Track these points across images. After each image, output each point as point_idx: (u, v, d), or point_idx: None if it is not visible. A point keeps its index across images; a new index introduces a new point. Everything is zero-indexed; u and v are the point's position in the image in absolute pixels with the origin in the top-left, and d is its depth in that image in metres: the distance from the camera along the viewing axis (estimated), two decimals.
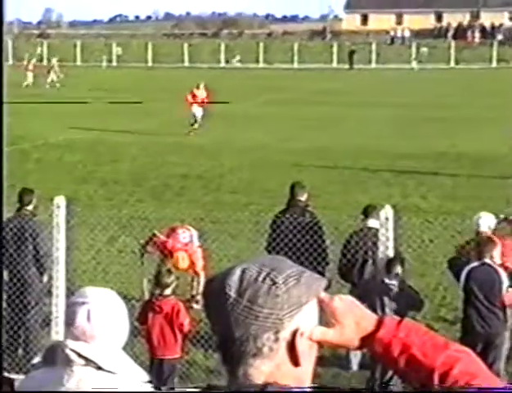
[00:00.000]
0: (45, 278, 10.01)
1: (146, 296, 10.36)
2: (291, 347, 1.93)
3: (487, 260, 8.80)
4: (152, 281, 9.78)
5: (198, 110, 28.96)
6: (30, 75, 50.84)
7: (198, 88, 29.63)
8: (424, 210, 16.93)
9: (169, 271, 9.38)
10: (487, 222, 9.92)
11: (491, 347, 8.78)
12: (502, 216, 10.13)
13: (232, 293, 1.92)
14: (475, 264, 8.87)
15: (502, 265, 8.99)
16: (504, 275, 8.81)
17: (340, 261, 10.38)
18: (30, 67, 51.52)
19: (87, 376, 3.25)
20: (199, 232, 12.33)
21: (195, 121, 28.74)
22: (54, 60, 53.86)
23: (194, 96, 29.25)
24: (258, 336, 1.92)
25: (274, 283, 1.91)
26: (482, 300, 8.77)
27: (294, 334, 1.93)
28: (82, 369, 3.26)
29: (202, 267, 11.70)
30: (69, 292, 8.72)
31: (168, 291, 8.91)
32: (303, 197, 11.02)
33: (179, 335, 8.87)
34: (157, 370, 8.89)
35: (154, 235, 11.69)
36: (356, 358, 9.60)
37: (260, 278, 1.92)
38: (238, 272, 1.94)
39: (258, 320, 1.91)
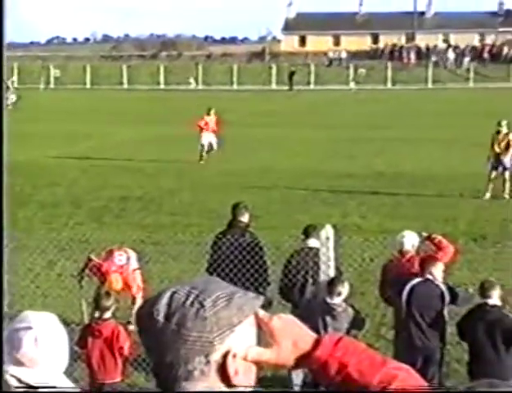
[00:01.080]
0: None
1: (86, 320, 10.24)
2: (223, 369, 1.92)
3: (429, 276, 8.91)
4: (91, 304, 9.66)
5: (210, 137, 27.51)
6: None
7: (209, 114, 28.36)
8: (364, 229, 17.06)
9: (108, 294, 9.27)
10: (410, 240, 10.01)
11: (430, 362, 8.87)
12: (425, 234, 10.23)
13: (160, 318, 1.90)
14: (417, 280, 8.97)
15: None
16: (446, 291, 8.92)
17: (281, 281, 10.38)
18: None
19: None
20: (139, 255, 12.23)
21: (209, 148, 27.37)
22: (9, 82, 53.35)
23: (206, 123, 27.85)
24: (188, 360, 1.90)
25: (202, 306, 1.89)
26: (424, 316, 8.86)
27: (225, 356, 1.91)
28: None
29: (137, 289, 11.60)
30: (8, 317, 8.57)
31: (107, 315, 8.80)
32: (245, 218, 11.02)
33: (119, 359, 8.77)
34: None
35: (89, 259, 11.56)
36: (298, 377, 9.59)
37: (188, 302, 1.90)
38: (167, 296, 1.93)
39: (187, 344, 1.89)
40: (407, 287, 8.92)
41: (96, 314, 8.87)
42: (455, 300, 9.03)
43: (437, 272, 9.02)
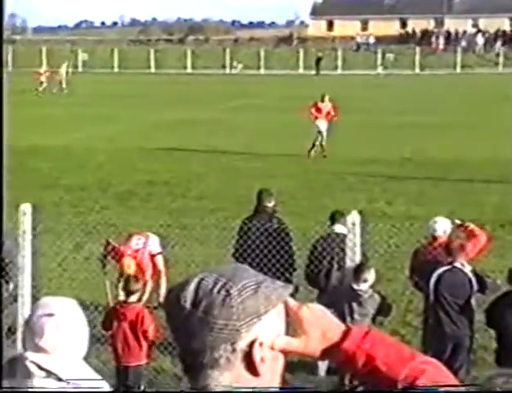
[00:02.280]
0: (11, 287, 9.91)
1: (111, 303, 10.31)
2: (249, 358, 1.92)
3: (457, 264, 8.88)
4: (118, 287, 9.71)
5: (322, 124, 25.81)
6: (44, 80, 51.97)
7: (323, 100, 26.59)
8: (390, 215, 17.00)
9: (136, 278, 9.34)
10: (442, 227, 9.97)
11: (459, 350, 8.85)
12: (458, 221, 10.18)
13: (187, 304, 1.91)
14: (445, 267, 8.93)
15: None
16: (473, 279, 8.88)
17: (307, 267, 10.39)
18: (42, 73, 52.89)
19: (48, 387, 3.21)
20: (165, 239, 12.27)
21: (320, 136, 25.60)
22: (63, 67, 54.46)
23: (318, 109, 26.25)
24: (214, 348, 1.90)
25: (229, 294, 1.89)
26: (452, 303, 8.83)
27: (251, 344, 1.91)
28: (42, 381, 3.22)
29: (159, 274, 11.67)
30: (35, 300, 8.64)
31: (133, 298, 8.87)
32: (271, 203, 11.02)
33: (144, 342, 8.83)
34: (123, 377, 8.84)
35: (107, 243, 11.63)
36: (323, 363, 9.61)
37: (215, 289, 1.91)
38: (194, 283, 1.93)
39: (213, 331, 1.89)
40: (435, 275, 8.89)
41: (122, 297, 8.93)
42: (483, 289, 8.99)
43: (465, 261, 9.00)
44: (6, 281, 9.94)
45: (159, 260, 11.79)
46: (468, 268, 8.97)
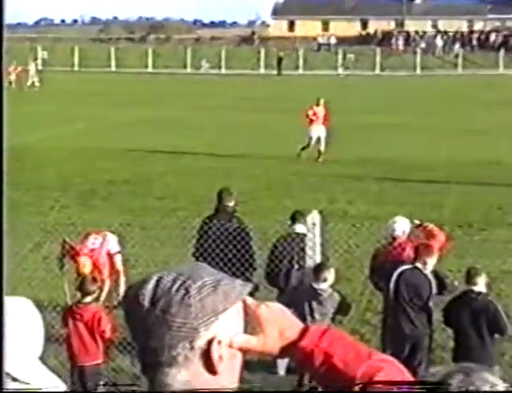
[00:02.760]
0: None
1: (69, 303, 10.27)
2: (207, 356, 1.92)
3: (419, 265, 8.94)
4: (74, 287, 9.68)
5: (320, 130, 24.89)
6: (13, 78, 51.36)
7: (318, 104, 26.01)
8: (350, 215, 17.10)
9: (93, 278, 9.31)
10: (401, 227, 10.05)
11: (417, 349, 8.93)
12: (416, 222, 10.26)
13: (146, 302, 1.91)
14: (406, 267, 9.00)
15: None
16: (433, 281, 8.95)
17: (267, 266, 10.41)
18: (10, 70, 52.14)
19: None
20: (125, 238, 12.22)
21: (310, 142, 24.77)
22: (33, 64, 54.29)
23: (314, 113, 25.35)
24: (172, 346, 1.90)
25: (187, 292, 1.89)
26: (411, 303, 8.91)
27: (209, 342, 1.92)
28: None
29: (117, 273, 11.62)
30: None
31: (89, 299, 8.86)
32: (231, 203, 11.04)
33: (100, 342, 8.81)
34: (79, 377, 8.81)
35: (64, 242, 11.55)
36: (283, 362, 9.63)
37: (174, 288, 1.90)
38: (153, 281, 1.93)
39: (171, 330, 1.89)
40: (395, 274, 8.96)
41: (78, 297, 8.91)
42: (441, 290, 9.07)
43: (431, 262, 9.06)
44: None
45: (118, 259, 11.72)
46: (429, 269, 9.03)
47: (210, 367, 1.93)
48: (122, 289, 11.51)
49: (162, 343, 1.91)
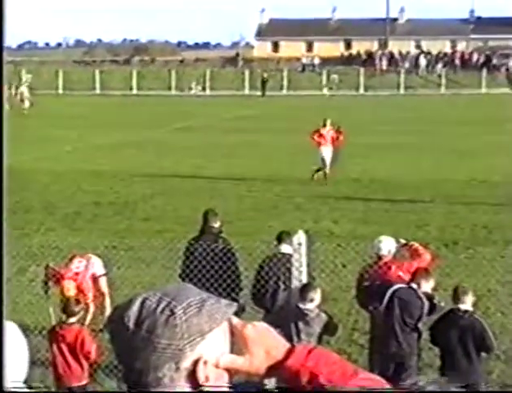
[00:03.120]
0: None
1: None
2: (193, 376, 1.91)
3: (413, 285, 8.95)
4: (59, 310, 9.64)
5: (326, 151, 24.34)
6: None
7: (324, 125, 25.06)
8: (336, 234, 17.10)
9: (76, 300, 9.29)
10: (387, 246, 10.05)
11: (404, 367, 8.92)
12: (402, 241, 10.27)
13: (131, 324, 1.90)
14: (401, 286, 9.01)
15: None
16: (426, 304, 8.93)
17: (253, 287, 10.39)
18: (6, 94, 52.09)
19: None
20: (111, 260, 12.17)
21: (323, 163, 24.22)
22: (24, 87, 54.51)
23: (320, 135, 24.73)
24: (158, 367, 1.90)
25: (172, 313, 1.89)
26: (402, 323, 8.90)
27: (195, 363, 1.91)
28: None
29: (102, 296, 11.58)
30: None
31: (72, 320, 8.86)
32: (217, 224, 11.03)
33: (85, 363, 8.78)
34: None
35: (47, 266, 11.51)
36: (270, 383, 9.58)
37: (159, 309, 1.90)
38: (138, 302, 1.92)
39: (157, 351, 1.89)
40: (389, 292, 8.95)
41: (62, 319, 8.90)
42: (432, 311, 9.06)
43: (426, 286, 9.06)
44: None
45: (103, 282, 11.67)
46: (423, 290, 9.03)
47: (196, 387, 1.92)
48: (107, 312, 11.45)
49: (147, 364, 1.90)
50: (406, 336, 8.93)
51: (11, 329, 3.43)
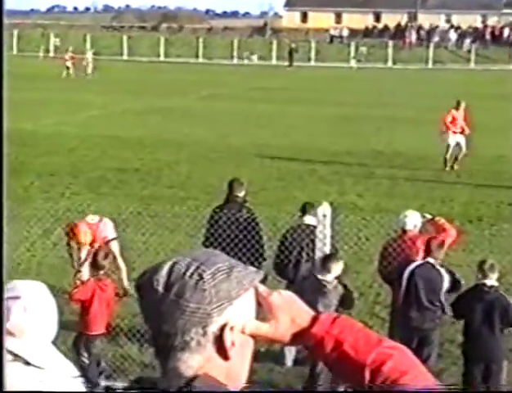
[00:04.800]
0: None
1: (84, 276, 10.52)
2: (220, 341, 1.93)
3: (431, 260, 8.94)
4: (80, 259, 9.84)
5: (458, 137, 22.44)
6: (69, 65, 51.85)
7: (457, 108, 23.08)
8: (360, 207, 17.08)
9: (106, 254, 9.42)
10: (413, 221, 10.02)
11: (425, 343, 8.92)
12: (428, 216, 10.23)
13: (160, 288, 1.92)
14: (419, 262, 9.00)
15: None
16: (446, 276, 8.93)
17: (277, 257, 10.40)
18: (67, 58, 52.57)
19: (14, 371, 3.20)
20: (136, 226, 12.23)
21: (448, 149, 22.19)
22: (90, 53, 55.76)
23: (453, 119, 22.79)
24: (185, 331, 1.92)
25: (201, 278, 1.90)
26: (423, 298, 8.89)
27: (222, 328, 1.93)
28: (9, 365, 3.21)
29: (114, 260, 11.72)
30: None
31: (102, 272, 9.09)
32: (241, 193, 11.03)
33: (106, 312, 9.13)
34: (86, 347, 9.04)
35: (67, 225, 11.68)
36: (290, 354, 9.64)
37: (188, 273, 1.91)
38: (167, 266, 1.94)
39: (185, 314, 1.90)
40: (409, 269, 8.95)
41: (85, 271, 9.08)
42: (455, 289, 9.02)
43: (440, 257, 9.07)
44: None
45: (114, 246, 11.72)
46: (438, 264, 9.03)
47: (222, 352, 1.94)
48: (123, 274, 11.58)
49: (175, 328, 1.92)
50: (429, 312, 8.92)
51: (40, 289, 3.46)
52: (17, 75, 49.08)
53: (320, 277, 8.87)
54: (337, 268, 8.96)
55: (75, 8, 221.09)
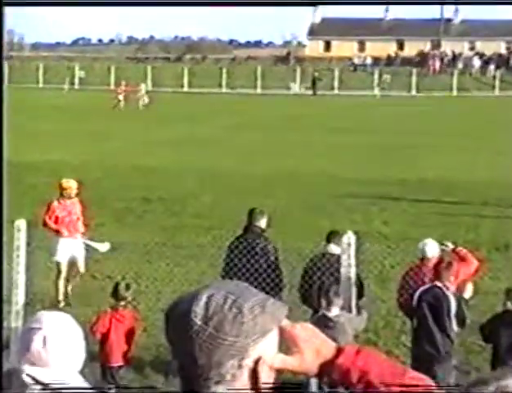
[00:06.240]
0: None
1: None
2: (253, 375, 1.94)
3: (438, 283, 8.87)
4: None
5: None
6: (121, 98, 52.43)
7: None
8: (386, 235, 17.00)
9: (127, 285, 9.45)
10: (431, 249, 9.96)
11: (437, 368, 8.82)
12: (451, 246, 10.15)
13: (198, 320, 1.92)
14: (427, 286, 8.95)
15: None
16: (452, 299, 8.85)
17: (301, 287, 10.35)
18: (119, 91, 53.48)
19: None
20: (160, 256, 12.23)
21: None
22: (143, 85, 56.74)
23: None
24: (221, 364, 1.92)
25: (240, 311, 1.91)
26: (431, 323, 8.82)
27: (257, 362, 1.93)
28: None
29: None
30: (29, 316, 8.61)
31: (123, 303, 9.14)
32: (260, 223, 10.89)
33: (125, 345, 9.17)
34: (112, 377, 9.04)
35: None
36: (315, 380, 9.56)
37: (226, 306, 1.92)
38: (204, 298, 1.94)
39: (222, 347, 1.91)
40: (417, 294, 8.92)
41: (114, 302, 9.11)
42: (461, 323, 8.91)
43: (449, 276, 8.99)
44: None
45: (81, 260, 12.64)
46: (451, 291, 8.92)
47: (255, 386, 1.94)
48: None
49: (210, 360, 1.92)
50: (439, 337, 8.83)
51: (63, 319, 3.47)
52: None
53: (325, 313, 8.82)
54: (339, 302, 8.90)
55: (100, 40, 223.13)
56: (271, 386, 2.00)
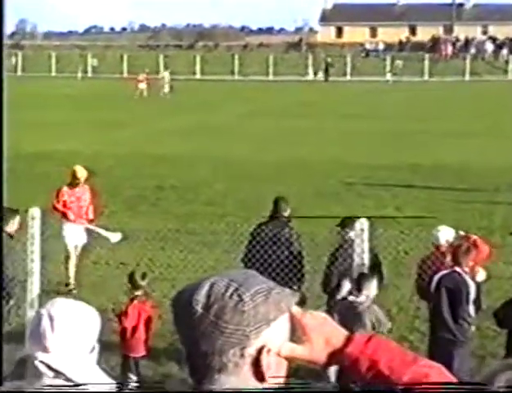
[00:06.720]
0: (11, 302, 9.64)
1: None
2: (256, 363, 1.94)
3: (457, 268, 8.85)
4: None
5: None
6: (143, 86, 52.19)
7: None
8: (399, 221, 16.97)
9: (143, 274, 9.46)
10: (445, 236, 9.94)
11: (454, 355, 8.80)
12: (462, 233, 10.13)
13: (199, 308, 1.92)
14: (445, 271, 8.93)
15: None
16: (472, 284, 8.84)
17: (325, 276, 10.21)
18: (141, 78, 53.14)
19: (56, 385, 3.22)
20: (174, 243, 12.27)
21: None
22: (166, 73, 56.54)
23: None
24: (223, 352, 1.92)
25: (241, 299, 1.91)
26: (444, 307, 8.80)
27: (260, 350, 1.93)
28: (51, 382, 3.23)
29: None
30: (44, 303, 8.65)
31: (139, 292, 9.12)
32: (286, 212, 10.96)
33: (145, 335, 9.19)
34: (136, 368, 9.09)
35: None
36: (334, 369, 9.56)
37: (227, 294, 1.92)
38: (206, 286, 1.94)
39: (223, 336, 1.91)
40: (435, 279, 8.90)
41: (132, 292, 9.14)
42: (478, 308, 8.90)
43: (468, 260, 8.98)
44: (8, 296, 9.77)
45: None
46: (468, 274, 8.91)
47: (259, 374, 1.94)
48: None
49: (213, 348, 1.92)
50: (454, 322, 8.82)
51: (77, 307, 3.49)
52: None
53: (351, 298, 8.77)
54: (370, 287, 8.81)
55: (112, 29, 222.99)
56: (284, 372, 1.99)
